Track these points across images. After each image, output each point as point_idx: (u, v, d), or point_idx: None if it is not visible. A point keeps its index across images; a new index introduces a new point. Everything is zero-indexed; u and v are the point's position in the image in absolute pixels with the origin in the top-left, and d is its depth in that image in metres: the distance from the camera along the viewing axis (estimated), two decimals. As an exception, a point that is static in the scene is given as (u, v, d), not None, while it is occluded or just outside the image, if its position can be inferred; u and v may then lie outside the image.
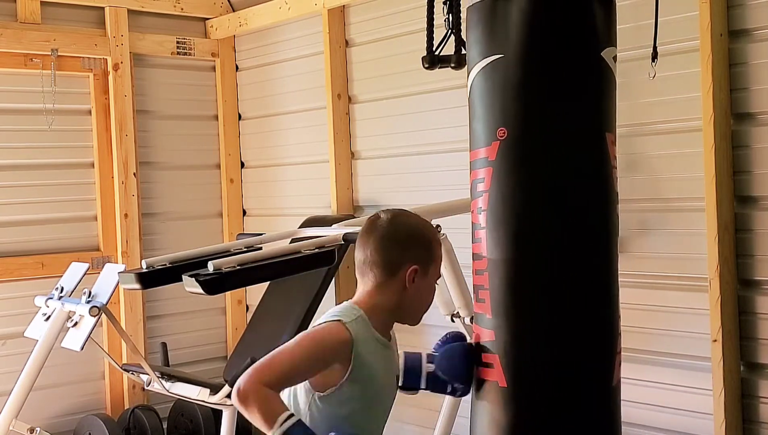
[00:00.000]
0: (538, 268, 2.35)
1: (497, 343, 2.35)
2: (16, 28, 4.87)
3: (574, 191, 2.37)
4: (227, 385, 3.74)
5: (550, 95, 2.37)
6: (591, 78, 2.40)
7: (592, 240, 2.40)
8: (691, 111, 3.40)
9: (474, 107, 2.47)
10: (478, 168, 2.42)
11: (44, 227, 5.02)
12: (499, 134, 2.36)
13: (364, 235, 2.37)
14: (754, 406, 3.34)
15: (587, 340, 2.38)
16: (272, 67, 5.37)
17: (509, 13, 2.37)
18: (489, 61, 2.40)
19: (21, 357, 4.29)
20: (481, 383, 2.41)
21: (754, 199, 3.33)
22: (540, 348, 2.35)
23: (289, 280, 3.86)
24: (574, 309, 2.36)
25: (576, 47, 2.38)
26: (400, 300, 2.34)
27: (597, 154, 2.40)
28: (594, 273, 2.40)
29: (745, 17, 3.30)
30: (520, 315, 2.35)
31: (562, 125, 2.37)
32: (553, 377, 2.35)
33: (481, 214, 2.39)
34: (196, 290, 2.89)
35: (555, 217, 2.35)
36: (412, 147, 4.54)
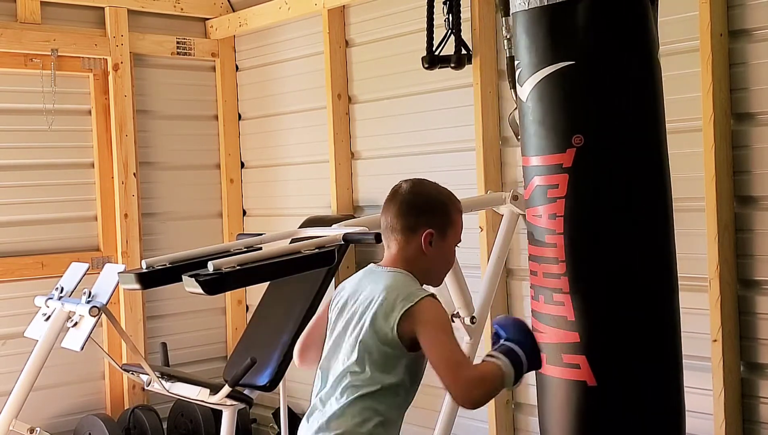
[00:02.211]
0: (619, 270, 2.43)
1: (582, 344, 2.42)
2: (16, 28, 4.87)
3: (647, 192, 2.47)
4: (227, 385, 3.74)
5: (623, 100, 2.43)
6: (653, 81, 2.48)
7: (663, 238, 2.52)
8: (691, 111, 3.39)
9: (536, 113, 2.49)
10: (546, 174, 2.47)
11: (44, 227, 5.02)
12: (575, 141, 2.41)
13: (387, 203, 2.54)
14: (754, 406, 3.34)
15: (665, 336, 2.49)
16: (272, 67, 5.37)
17: (575, 19, 2.39)
18: (556, 69, 2.43)
19: (21, 357, 4.29)
20: (562, 384, 2.48)
21: (754, 199, 3.33)
22: (625, 346, 2.43)
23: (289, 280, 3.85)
24: (653, 307, 2.46)
25: (640, 51, 2.45)
26: (422, 262, 2.48)
27: (661, 153, 2.53)
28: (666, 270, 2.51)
29: (745, 17, 3.30)
30: (606, 316, 2.42)
31: (636, 131, 2.44)
32: (638, 373, 2.44)
33: (555, 220, 2.44)
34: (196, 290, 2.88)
35: (633, 218, 2.45)
36: (412, 147, 4.54)
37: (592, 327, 2.41)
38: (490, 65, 4.07)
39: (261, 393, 4.26)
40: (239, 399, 3.92)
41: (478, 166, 4.10)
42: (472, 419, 4.16)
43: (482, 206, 3.94)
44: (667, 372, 2.50)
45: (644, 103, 2.45)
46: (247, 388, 4.03)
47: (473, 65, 4.09)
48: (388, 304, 2.38)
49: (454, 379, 2.26)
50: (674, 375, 2.52)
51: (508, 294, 4.08)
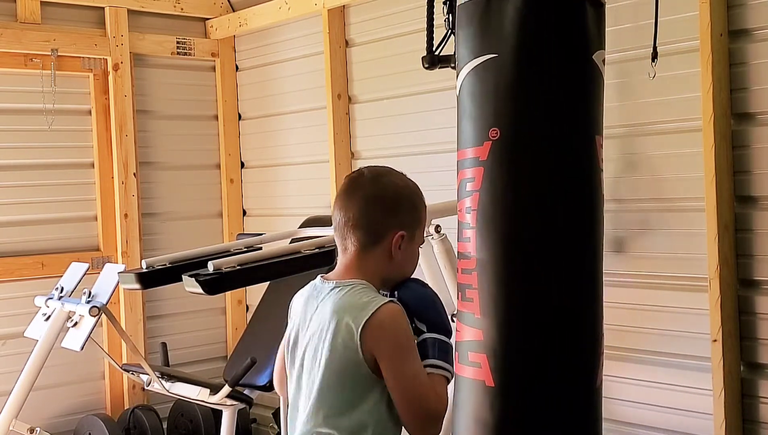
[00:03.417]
0: (527, 268, 2.36)
1: (485, 342, 2.36)
2: (16, 28, 4.87)
3: (564, 193, 2.38)
4: (227, 385, 3.75)
5: (544, 97, 2.37)
6: (583, 80, 2.41)
7: (580, 241, 2.41)
8: (691, 111, 3.39)
9: (464, 106, 2.46)
10: (467, 167, 2.41)
11: (44, 227, 5.01)
12: (491, 134, 2.36)
13: (345, 194, 2.20)
14: (754, 406, 3.34)
15: (574, 341, 2.39)
16: (272, 67, 5.37)
17: (504, 13, 2.36)
18: (481, 61, 2.40)
19: (21, 357, 4.29)
20: (466, 382, 2.41)
21: (754, 199, 3.33)
22: (528, 348, 2.36)
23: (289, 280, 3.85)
24: (562, 310, 2.37)
25: (569, 49, 2.39)
26: (385, 268, 2.18)
27: (587, 156, 2.41)
28: (581, 274, 2.42)
29: (745, 17, 3.30)
30: (509, 315, 2.35)
31: (554, 127, 2.37)
32: (540, 377, 2.36)
33: (470, 214, 2.39)
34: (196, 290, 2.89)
35: (544, 217, 2.36)
36: (412, 147, 4.54)
37: (494, 325, 2.33)
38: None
39: (261, 393, 4.26)
40: (239, 399, 3.92)
41: (478, 166, 4.10)
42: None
43: (482, 206, 3.94)
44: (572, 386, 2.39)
45: (568, 102, 2.37)
46: (247, 388, 4.03)
47: (473, 65, 4.09)
48: (343, 330, 2.08)
49: (419, 420, 2.06)
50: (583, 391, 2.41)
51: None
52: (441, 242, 3.45)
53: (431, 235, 3.44)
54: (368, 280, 2.17)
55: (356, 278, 2.17)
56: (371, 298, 2.11)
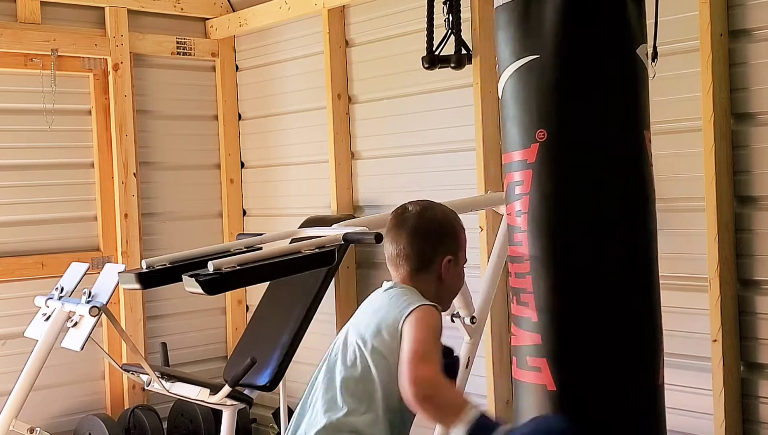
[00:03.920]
0: (582, 269, 2.33)
1: (544, 346, 2.33)
2: (16, 28, 4.87)
3: (617, 190, 2.35)
4: (227, 385, 3.74)
5: (590, 95, 2.33)
6: (628, 76, 2.37)
7: (635, 239, 2.37)
8: (691, 111, 3.39)
9: (507, 109, 2.43)
10: (515, 170, 2.39)
11: (44, 227, 5.02)
12: (539, 136, 2.33)
13: (394, 229, 2.47)
14: (754, 406, 3.34)
15: (634, 340, 2.36)
16: (272, 67, 5.37)
17: (543, 13, 2.33)
18: (523, 63, 2.36)
19: (21, 357, 4.29)
20: (527, 387, 2.39)
21: (754, 199, 3.33)
22: (589, 350, 2.33)
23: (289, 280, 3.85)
24: (621, 309, 2.34)
25: (612, 45, 2.35)
26: (436, 289, 2.44)
27: (636, 152, 2.38)
28: (637, 272, 2.38)
29: (745, 17, 3.30)
30: (567, 318, 2.32)
31: (602, 125, 2.34)
32: (602, 378, 2.33)
33: (520, 217, 2.37)
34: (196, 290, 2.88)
35: (598, 216, 2.33)
36: (412, 147, 4.54)
37: (552, 329, 2.31)
38: (490, 65, 4.07)
39: (261, 393, 4.26)
40: (239, 399, 3.92)
41: (478, 166, 4.10)
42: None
43: (482, 206, 3.94)
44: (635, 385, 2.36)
45: (615, 98, 2.35)
46: (247, 388, 4.03)
47: (473, 65, 4.09)
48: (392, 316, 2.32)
49: (412, 368, 2.12)
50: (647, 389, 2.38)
51: (508, 294, 4.08)
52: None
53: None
54: None
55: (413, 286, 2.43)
56: (419, 298, 2.36)
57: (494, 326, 4.02)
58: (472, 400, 2.15)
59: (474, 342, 3.66)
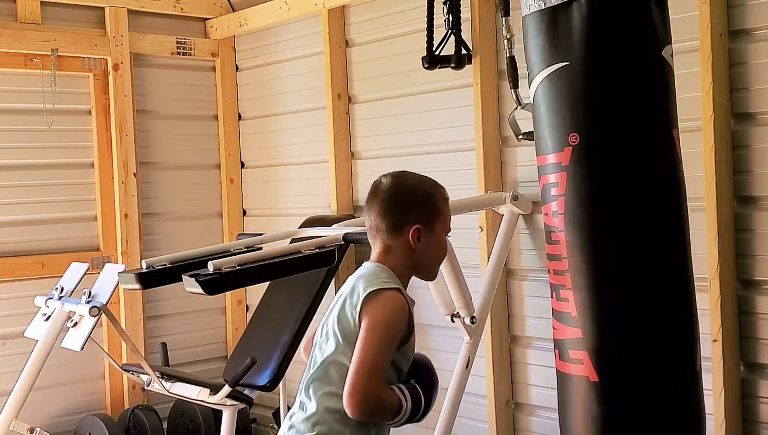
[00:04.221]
0: (620, 265, 2.42)
1: (585, 340, 2.44)
2: (16, 28, 4.87)
3: (650, 188, 2.43)
4: (227, 385, 3.75)
5: (619, 99, 2.42)
6: (656, 77, 2.47)
7: (669, 233, 2.47)
8: (691, 111, 3.39)
9: (540, 114, 2.51)
10: (550, 173, 2.48)
11: (44, 227, 5.02)
12: (571, 140, 2.43)
13: (369, 201, 2.46)
14: (754, 406, 3.34)
15: (671, 329, 2.46)
16: (272, 67, 5.37)
17: (571, 21, 2.41)
18: (554, 69, 2.45)
19: (21, 357, 4.29)
20: (570, 379, 2.48)
21: (754, 199, 3.33)
22: (628, 342, 2.43)
23: (289, 280, 3.86)
24: (657, 301, 2.44)
25: (639, 49, 2.44)
26: (412, 259, 2.41)
27: (667, 150, 2.47)
28: (672, 264, 2.48)
29: (745, 17, 3.30)
30: (607, 312, 2.42)
31: (633, 127, 2.43)
32: (642, 368, 2.43)
33: (557, 217, 2.47)
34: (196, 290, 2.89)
35: (633, 214, 2.42)
36: (412, 147, 4.54)
37: (592, 323, 2.41)
38: (490, 65, 4.07)
39: (261, 393, 4.26)
40: (239, 399, 3.92)
41: (478, 166, 4.10)
42: (472, 419, 4.16)
43: (482, 206, 3.95)
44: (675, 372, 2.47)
45: (644, 101, 2.44)
46: (247, 388, 4.03)
47: (473, 65, 4.09)
48: (354, 293, 2.34)
49: (355, 383, 2.20)
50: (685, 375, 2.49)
51: (508, 294, 4.08)
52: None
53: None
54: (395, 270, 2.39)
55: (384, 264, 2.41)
56: (385, 280, 2.34)
57: (494, 326, 4.02)
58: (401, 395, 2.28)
59: (474, 342, 3.66)
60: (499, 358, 4.06)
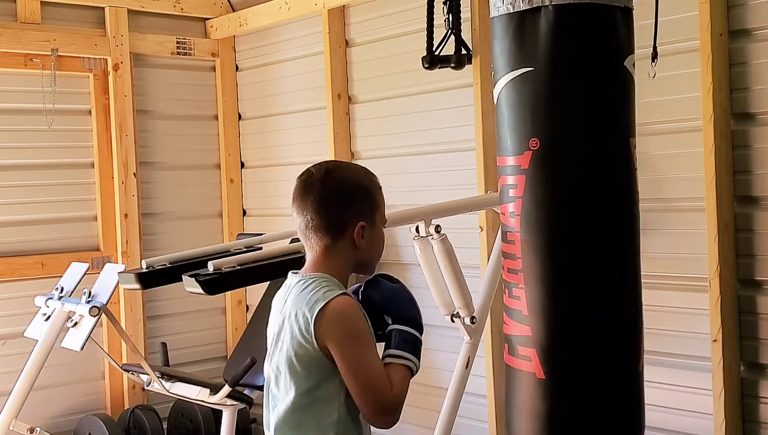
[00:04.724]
0: (570, 267, 2.48)
1: (534, 337, 2.49)
2: (16, 28, 4.87)
3: (604, 194, 2.50)
4: (227, 385, 3.75)
5: (580, 106, 2.48)
6: (617, 87, 2.52)
7: (620, 238, 2.53)
8: (691, 111, 3.39)
9: (503, 116, 2.57)
10: (509, 174, 2.54)
11: (44, 227, 5.02)
12: (532, 144, 2.48)
13: (299, 197, 2.25)
14: (754, 406, 3.34)
15: (617, 333, 2.52)
16: (272, 67, 5.37)
17: (537, 27, 2.46)
18: (518, 74, 2.50)
19: (21, 357, 4.29)
20: (518, 374, 2.54)
21: (754, 199, 3.33)
22: (575, 341, 2.49)
23: (289, 280, 3.85)
24: (605, 303, 2.51)
25: (603, 59, 2.49)
26: (354, 257, 2.23)
27: (623, 158, 2.54)
28: (622, 269, 2.54)
29: (745, 17, 3.30)
30: (555, 312, 2.48)
31: (592, 134, 2.49)
32: (587, 368, 2.49)
33: (514, 218, 2.52)
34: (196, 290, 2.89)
35: (586, 219, 2.49)
36: (412, 147, 4.54)
37: (542, 321, 2.48)
38: (490, 65, 4.06)
39: (261, 393, 4.26)
40: (239, 399, 3.93)
41: (478, 166, 4.11)
42: (473, 419, 4.16)
43: (482, 206, 3.95)
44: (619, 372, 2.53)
45: (604, 109, 2.50)
46: (247, 388, 4.04)
47: (473, 65, 4.09)
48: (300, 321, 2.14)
49: (372, 408, 2.11)
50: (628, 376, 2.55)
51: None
52: (441, 242, 3.45)
53: (431, 235, 3.44)
54: (336, 273, 2.21)
55: (322, 272, 2.21)
56: (326, 290, 2.15)
57: (494, 326, 4.02)
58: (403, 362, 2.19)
59: (474, 342, 3.66)
60: (499, 358, 4.06)
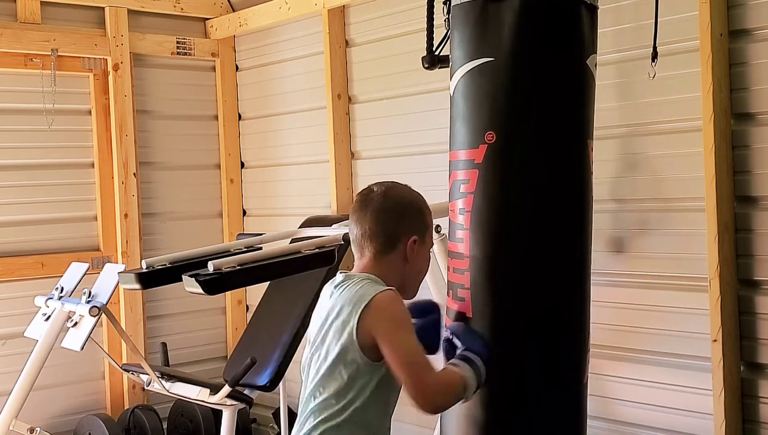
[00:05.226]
0: (519, 269, 2.40)
1: None
2: (16, 28, 4.87)
3: (558, 195, 2.42)
4: (227, 385, 3.74)
5: (540, 101, 2.39)
6: (578, 85, 2.44)
7: (571, 243, 2.45)
8: (691, 111, 3.39)
9: (458, 108, 2.47)
10: (461, 169, 2.44)
11: (44, 227, 5.02)
12: (488, 138, 2.38)
13: (359, 210, 2.41)
14: (754, 406, 3.34)
15: (562, 340, 2.45)
16: (272, 67, 5.37)
17: (501, 17, 2.37)
18: (477, 64, 2.41)
19: (21, 357, 4.29)
20: None
21: (754, 199, 3.33)
22: (519, 347, 2.40)
23: (289, 280, 3.85)
24: (551, 309, 2.42)
25: (565, 54, 2.41)
26: (402, 272, 2.37)
27: (579, 160, 2.45)
28: (571, 274, 2.47)
29: (745, 17, 3.30)
30: (501, 314, 2.40)
31: (549, 132, 2.40)
32: (529, 375, 2.41)
33: (463, 215, 2.43)
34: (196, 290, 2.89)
35: (538, 219, 2.40)
36: (412, 147, 4.54)
37: (486, 326, 2.38)
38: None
39: (261, 393, 4.26)
40: (239, 399, 3.92)
41: (478, 166, 4.10)
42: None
43: (482, 206, 3.94)
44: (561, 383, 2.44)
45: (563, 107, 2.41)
46: (247, 388, 4.03)
47: (473, 65, 4.09)
48: (346, 314, 2.28)
49: (417, 384, 2.17)
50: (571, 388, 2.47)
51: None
52: (441, 242, 3.45)
53: (431, 235, 3.44)
54: (385, 279, 2.34)
55: (370, 273, 2.36)
56: (374, 287, 2.28)
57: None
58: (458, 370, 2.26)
59: (474, 342, 3.65)
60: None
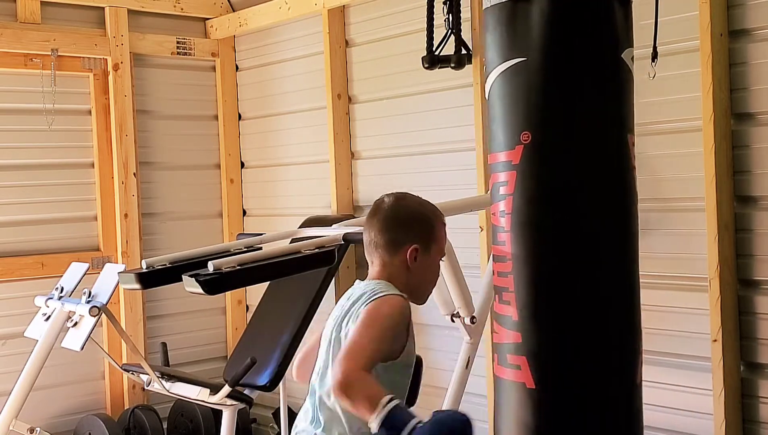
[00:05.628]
0: (564, 270, 2.35)
1: (524, 345, 2.36)
2: (16, 28, 4.87)
3: (599, 193, 2.37)
4: (227, 385, 3.74)
5: (574, 98, 2.35)
6: (613, 80, 2.39)
7: (616, 240, 2.40)
8: (691, 111, 3.39)
9: (494, 110, 2.44)
10: (500, 171, 2.41)
11: (44, 227, 5.02)
12: (523, 138, 2.35)
13: (369, 219, 2.53)
14: (754, 406, 3.34)
15: (613, 340, 2.38)
16: (272, 67, 5.37)
17: (530, 16, 2.34)
18: (510, 65, 2.38)
19: (21, 357, 4.29)
20: (507, 384, 2.41)
21: (754, 199, 3.33)
22: (568, 349, 2.35)
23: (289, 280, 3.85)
24: (600, 309, 2.37)
25: (598, 49, 2.37)
26: (406, 279, 2.47)
27: (619, 156, 2.40)
28: (618, 273, 2.41)
29: (745, 17, 3.30)
30: (548, 317, 2.35)
31: (586, 128, 2.36)
32: (580, 377, 2.35)
33: (504, 217, 2.39)
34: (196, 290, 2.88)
35: (580, 219, 2.36)
36: (412, 147, 4.54)
37: (533, 327, 2.34)
38: (488, 63, 4.06)
39: (261, 393, 4.26)
40: (239, 399, 3.92)
41: (478, 166, 4.10)
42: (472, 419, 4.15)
43: (482, 206, 3.94)
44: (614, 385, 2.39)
45: (600, 102, 2.37)
46: (247, 388, 4.03)
47: (473, 65, 4.09)
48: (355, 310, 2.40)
49: (343, 363, 2.18)
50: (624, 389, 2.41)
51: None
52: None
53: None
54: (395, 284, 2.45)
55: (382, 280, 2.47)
56: (386, 287, 2.41)
57: (494, 326, 4.01)
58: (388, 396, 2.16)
59: (474, 342, 3.66)
60: (499, 358, 4.05)
